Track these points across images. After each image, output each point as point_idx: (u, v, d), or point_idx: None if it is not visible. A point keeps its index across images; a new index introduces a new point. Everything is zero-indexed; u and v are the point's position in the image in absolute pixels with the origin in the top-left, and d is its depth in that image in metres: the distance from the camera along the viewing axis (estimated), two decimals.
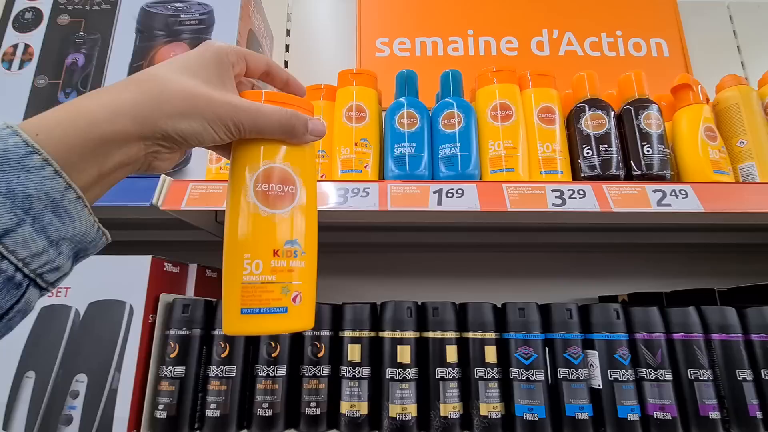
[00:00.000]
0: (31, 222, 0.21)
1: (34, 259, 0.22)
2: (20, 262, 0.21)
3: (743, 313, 0.56)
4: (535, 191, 0.53)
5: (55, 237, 0.22)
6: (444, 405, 0.50)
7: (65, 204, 0.22)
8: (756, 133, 0.60)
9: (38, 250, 0.22)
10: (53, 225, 0.22)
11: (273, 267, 0.29)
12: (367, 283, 0.95)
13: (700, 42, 1.24)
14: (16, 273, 0.21)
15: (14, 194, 0.20)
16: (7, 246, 0.20)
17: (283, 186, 0.30)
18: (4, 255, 0.20)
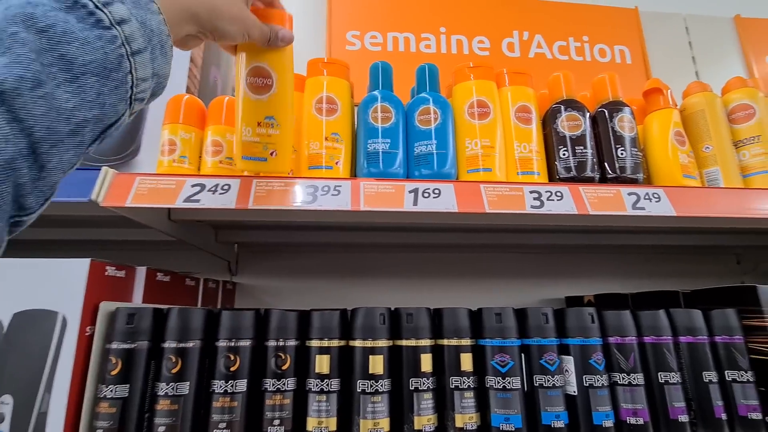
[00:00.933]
0: (150, 51, 0.28)
1: (140, 84, 0.28)
2: (136, 80, 0.27)
3: (708, 315, 0.57)
4: (513, 192, 0.51)
5: (156, 70, 0.29)
6: (418, 418, 0.48)
7: (167, 47, 0.30)
8: (720, 139, 0.61)
9: (146, 75, 0.28)
10: (158, 60, 0.29)
11: (258, 132, 0.47)
12: (337, 286, 0.92)
13: (659, 51, 1.29)
14: (130, 89, 0.27)
15: (144, 25, 0.27)
16: (135, 63, 0.27)
17: (263, 79, 0.47)
18: (130, 69, 0.27)
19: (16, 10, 0.22)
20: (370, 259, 0.93)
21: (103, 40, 0.25)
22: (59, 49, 0.23)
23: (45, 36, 0.23)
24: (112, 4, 0.26)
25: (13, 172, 0.21)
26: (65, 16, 0.24)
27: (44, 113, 0.22)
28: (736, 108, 0.63)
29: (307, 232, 0.82)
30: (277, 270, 0.95)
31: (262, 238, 0.85)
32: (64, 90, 0.23)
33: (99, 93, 0.25)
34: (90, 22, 0.24)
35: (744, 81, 0.64)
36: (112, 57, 0.25)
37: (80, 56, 0.24)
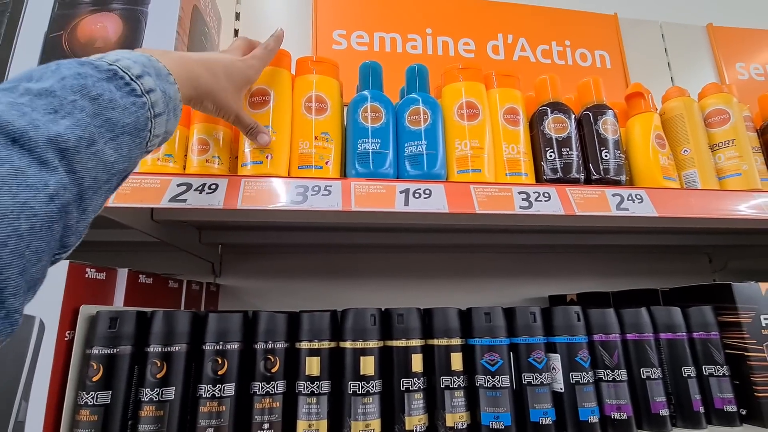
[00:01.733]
0: (167, 114, 0.34)
1: (153, 139, 0.33)
2: (152, 137, 0.33)
3: (686, 312, 0.59)
4: (503, 193, 0.52)
5: (168, 129, 0.35)
6: (409, 418, 0.48)
7: (178, 110, 0.36)
8: (698, 143, 0.63)
9: (159, 133, 0.34)
10: (171, 122, 0.35)
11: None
12: (322, 287, 0.91)
13: (636, 56, 1.33)
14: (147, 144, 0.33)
15: (165, 93, 0.33)
16: (155, 123, 0.32)
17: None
18: (150, 129, 0.32)
19: (72, 81, 0.27)
20: (356, 260, 0.93)
21: (137, 105, 0.30)
22: (106, 114, 0.28)
23: (96, 103, 0.27)
24: (143, 77, 0.31)
25: (66, 215, 0.24)
26: (108, 85, 0.28)
27: (94, 166, 0.26)
28: (712, 113, 0.65)
29: (291, 232, 0.81)
30: (261, 271, 0.93)
31: (246, 239, 0.84)
32: (108, 147, 0.28)
33: (130, 149, 0.30)
34: (127, 90, 0.30)
35: (719, 87, 0.67)
36: (142, 120, 0.31)
37: (121, 119, 0.29)
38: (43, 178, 0.22)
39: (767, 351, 0.56)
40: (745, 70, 1.39)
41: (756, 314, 0.57)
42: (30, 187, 0.22)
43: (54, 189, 0.23)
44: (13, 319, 0.21)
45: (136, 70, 0.31)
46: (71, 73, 0.27)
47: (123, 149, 0.29)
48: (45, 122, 0.24)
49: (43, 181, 0.22)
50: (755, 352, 0.55)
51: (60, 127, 0.24)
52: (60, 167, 0.24)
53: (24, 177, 0.21)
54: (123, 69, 0.30)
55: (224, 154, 0.55)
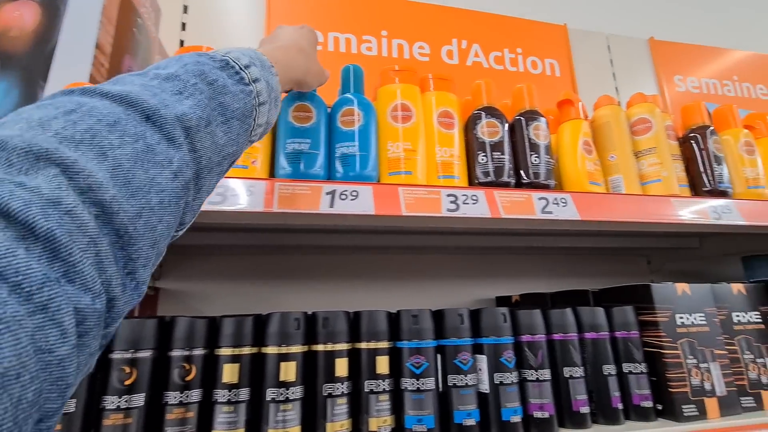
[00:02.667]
0: (269, 103, 0.35)
1: (257, 128, 0.34)
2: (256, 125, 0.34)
3: (610, 312, 0.61)
4: (431, 195, 0.52)
5: (269, 119, 0.36)
6: (331, 424, 0.47)
7: (279, 101, 0.37)
8: (624, 149, 0.66)
9: (261, 122, 0.35)
10: (272, 112, 0.36)
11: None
12: (251, 290, 0.88)
13: (584, 66, 1.38)
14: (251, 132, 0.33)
15: (269, 84, 0.34)
16: (259, 112, 0.33)
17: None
18: (254, 117, 0.33)
19: (193, 66, 0.28)
20: (310, 262, 0.91)
21: (245, 93, 0.31)
22: (219, 98, 0.29)
23: (212, 87, 0.29)
24: (250, 67, 0.33)
25: (188, 191, 0.26)
26: (221, 73, 0.30)
27: (209, 146, 0.27)
28: (637, 121, 0.69)
29: (238, 234, 0.79)
30: (206, 274, 0.90)
31: (188, 240, 0.80)
32: (220, 130, 0.29)
33: (238, 134, 0.31)
34: (236, 78, 0.31)
35: (644, 97, 0.70)
36: (249, 106, 0.32)
37: (232, 104, 0.30)
38: (169, 155, 0.24)
39: (681, 349, 0.59)
40: (683, 82, 1.48)
41: (672, 313, 0.60)
42: (159, 164, 0.23)
43: (177, 166, 0.24)
44: (141, 290, 0.22)
45: (245, 60, 0.32)
46: (191, 60, 0.29)
47: (232, 133, 0.30)
48: (173, 102, 0.25)
49: (168, 158, 0.24)
50: (670, 349, 0.58)
51: (185, 106, 0.26)
52: (184, 145, 0.25)
53: (154, 153, 0.23)
54: (233, 60, 0.32)
55: None
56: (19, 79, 0.53)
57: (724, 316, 0.64)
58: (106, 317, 0.19)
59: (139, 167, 0.22)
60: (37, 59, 0.54)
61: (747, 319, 0.65)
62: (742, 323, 0.64)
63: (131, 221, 0.20)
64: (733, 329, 0.64)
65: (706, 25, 1.77)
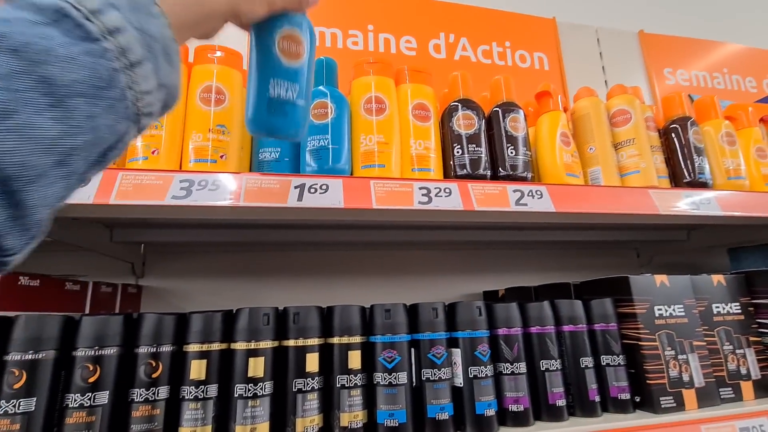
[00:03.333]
0: (152, 60, 0.25)
1: (143, 96, 0.25)
2: (140, 94, 0.24)
3: (588, 305, 0.61)
4: (403, 188, 0.51)
5: (162, 81, 0.26)
6: (301, 419, 0.46)
7: (172, 53, 0.26)
8: (603, 141, 0.66)
9: (149, 88, 0.25)
10: (163, 69, 0.26)
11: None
12: (234, 287, 0.88)
13: (573, 59, 1.37)
14: (131, 104, 0.24)
15: (143, 31, 0.24)
16: (136, 76, 0.24)
17: None
18: (130, 85, 0.24)
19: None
20: (291, 258, 0.91)
21: (92, 55, 0.22)
22: (38, 71, 0.20)
23: (18, 57, 0.20)
24: (102, 13, 0.23)
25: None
26: (46, 31, 0.21)
27: (16, 147, 0.19)
28: (616, 113, 0.68)
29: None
30: (189, 271, 0.89)
31: (171, 237, 0.79)
32: (45, 117, 0.20)
33: (90, 116, 0.22)
34: (76, 35, 0.22)
35: (624, 88, 0.70)
36: (103, 73, 0.22)
37: (64, 76, 0.21)
38: None
39: (659, 340, 0.58)
40: (672, 75, 1.47)
41: (650, 305, 0.60)
42: None
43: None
44: None
45: (94, 2, 0.23)
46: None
47: (76, 117, 0.21)
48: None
49: None
50: (648, 341, 0.58)
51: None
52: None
53: None
54: (75, 5, 0.22)
55: None
56: None
57: (703, 308, 0.63)
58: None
59: None
60: None
61: (727, 310, 0.65)
62: (722, 314, 0.64)
63: None
64: (713, 320, 0.63)
65: (696, 18, 1.76)
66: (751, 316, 0.66)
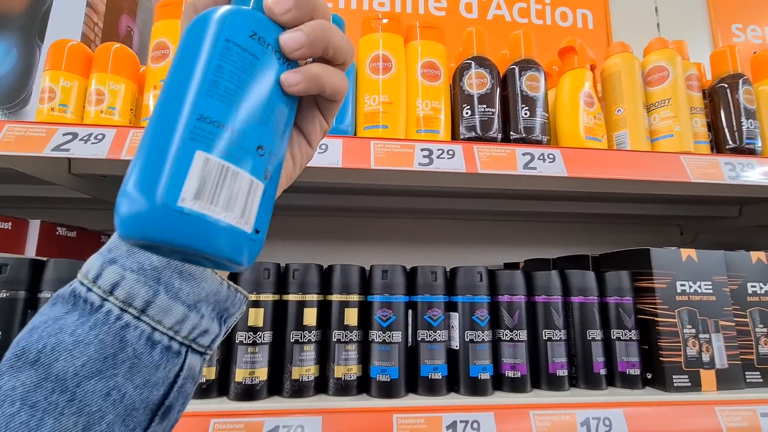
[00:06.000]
0: (164, 290, 0.22)
1: (181, 326, 0.23)
2: (170, 330, 0.22)
3: (602, 277, 0.58)
4: (404, 150, 0.50)
5: (190, 300, 0.23)
6: (298, 368, 0.49)
7: (187, 268, 0.24)
8: (633, 102, 0.60)
9: (180, 316, 0.23)
10: (184, 290, 0.23)
11: None
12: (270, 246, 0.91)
13: (623, 16, 1.25)
14: (171, 342, 0.23)
15: (143, 269, 0.22)
16: (153, 317, 0.22)
17: None
18: (153, 326, 0.22)
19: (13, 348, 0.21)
20: (300, 222, 0.93)
21: (97, 326, 0.21)
22: (53, 372, 0.20)
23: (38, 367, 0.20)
24: (101, 275, 0.22)
25: None
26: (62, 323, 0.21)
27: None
28: (652, 70, 0.61)
29: None
30: None
31: None
32: (66, 416, 0.20)
33: (107, 392, 0.21)
34: (86, 312, 0.21)
35: (665, 42, 0.63)
36: (108, 340, 0.21)
37: (70, 365, 0.20)
38: None
39: (678, 317, 0.55)
40: (742, 32, 1.30)
41: (672, 280, 0.56)
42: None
43: None
44: None
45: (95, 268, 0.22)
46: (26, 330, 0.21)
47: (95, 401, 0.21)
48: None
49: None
50: (665, 317, 0.55)
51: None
52: None
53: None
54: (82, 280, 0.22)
55: (124, 107, 0.54)
56: (18, 39, 0.56)
57: (736, 287, 0.58)
58: None
59: None
60: (32, 19, 0.57)
61: (765, 290, 0.59)
62: (758, 294, 0.58)
63: None
64: (746, 300, 0.58)
65: None
66: None
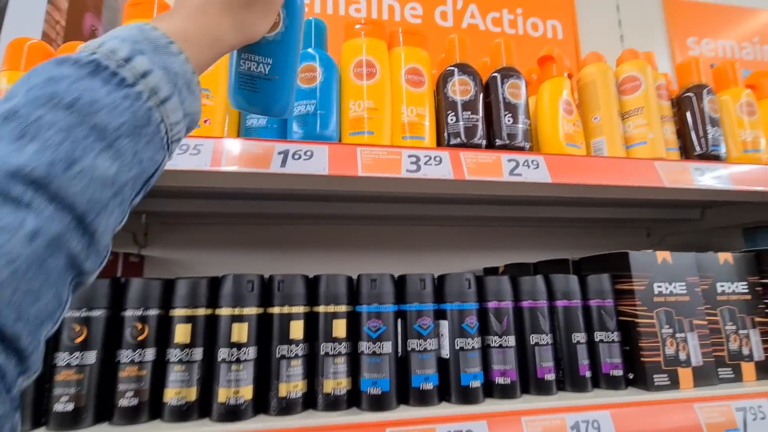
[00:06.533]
0: (177, 94, 0.28)
1: (173, 127, 0.28)
2: (169, 126, 0.27)
3: (584, 280, 0.59)
4: (391, 156, 0.50)
5: (187, 110, 0.29)
6: (285, 384, 0.47)
7: (194, 85, 0.29)
8: (609, 110, 0.62)
9: (177, 119, 0.28)
10: (187, 100, 0.29)
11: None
12: (236, 258, 0.88)
13: (589, 28, 1.30)
14: (166, 135, 0.27)
15: (167, 69, 0.27)
16: (165, 111, 0.27)
17: None
18: (163, 118, 0.27)
19: (38, 91, 0.23)
20: (291, 231, 0.90)
21: (130, 98, 0.25)
22: (90, 120, 0.23)
23: (73, 110, 0.23)
24: (133, 59, 0.26)
25: (64, 245, 0.22)
26: (89, 83, 0.24)
27: (84, 188, 0.22)
28: (625, 80, 0.64)
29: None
30: (193, 242, 0.90)
31: (173, 207, 0.79)
32: (103, 159, 0.23)
33: (135, 152, 0.25)
34: (114, 83, 0.24)
35: (636, 54, 0.65)
36: (140, 114, 0.25)
37: (111, 121, 0.24)
38: (17, 218, 0.20)
39: (656, 318, 0.57)
40: (697, 45, 1.38)
41: (650, 282, 0.58)
42: (3, 231, 0.19)
43: (34, 226, 0.20)
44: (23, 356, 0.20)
45: (124, 51, 0.25)
46: (40, 80, 0.23)
47: (125, 155, 0.24)
48: (7, 153, 0.21)
49: (17, 221, 0.20)
50: (645, 318, 0.56)
51: (24, 155, 0.21)
52: (36, 200, 0.21)
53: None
54: (108, 55, 0.25)
55: None
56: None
57: (707, 286, 0.61)
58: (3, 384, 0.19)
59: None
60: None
61: (732, 289, 0.62)
62: (726, 293, 0.61)
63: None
64: (716, 299, 0.61)
65: None
66: (758, 296, 0.63)
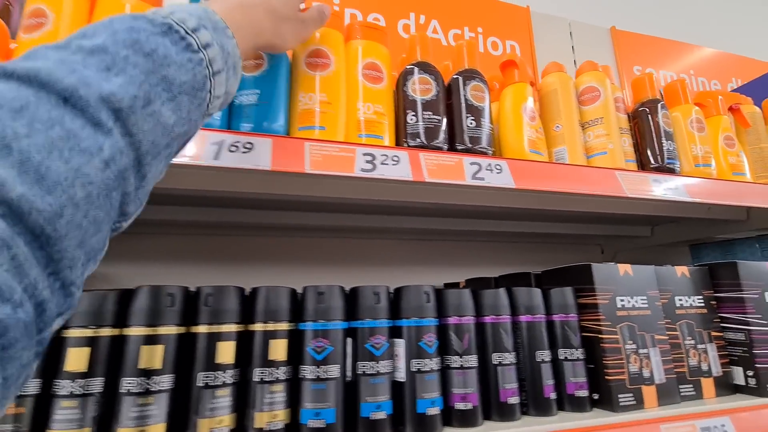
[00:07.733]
0: (226, 71, 0.31)
1: (214, 101, 0.31)
2: (212, 98, 0.30)
3: (548, 294, 0.56)
4: (344, 153, 0.44)
5: (228, 89, 0.32)
6: (207, 420, 0.39)
7: (238, 67, 0.33)
8: (570, 119, 0.61)
9: (219, 93, 0.31)
10: (231, 80, 0.32)
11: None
12: (205, 269, 0.77)
13: (545, 50, 1.34)
14: (207, 104, 0.30)
15: (223, 48, 0.30)
16: (215, 83, 0.30)
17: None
18: (209, 88, 0.29)
19: (124, 35, 0.24)
20: (256, 244, 0.82)
21: (194, 62, 0.27)
22: (162, 71, 0.25)
23: (150, 59, 0.25)
24: (199, 30, 0.28)
25: (124, 181, 0.23)
26: (162, 40, 0.26)
27: (151, 129, 0.24)
28: (585, 90, 0.63)
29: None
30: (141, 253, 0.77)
31: None
32: (167, 108, 0.25)
33: (189, 110, 0.27)
34: (182, 45, 0.27)
35: (595, 65, 0.66)
36: (199, 78, 0.28)
37: (178, 77, 0.26)
38: (97, 142, 0.21)
39: (620, 333, 0.54)
40: (641, 73, 1.46)
41: (613, 295, 0.55)
42: (84, 152, 0.20)
43: (110, 153, 0.21)
44: (69, 291, 0.20)
45: (192, 23, 0.28)
46: (123, 27, 0.25)
47: (182, 110, 0.27)
48: (97, 80, 0.22)
49: (97, 145, 0.21)
50: (609, 334, 0.54)
51: (113, 85, 0.22)
52: (115, 129, 0.22)
53: (77, 140, 0.20)
54: (178, 22, 0.27)
55: None
56: None
57: (666, 300, 0.60)
58: (37, 322, 0.18)
59: (56, 158, 0.19)
60: None
61: (690, 303, 0.61)
62: (685, 307, 0.61)
63: (48, 221, 0.18)
64: (675, 313, 0.60)
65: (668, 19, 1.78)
66: (713, 310, 0.63)
